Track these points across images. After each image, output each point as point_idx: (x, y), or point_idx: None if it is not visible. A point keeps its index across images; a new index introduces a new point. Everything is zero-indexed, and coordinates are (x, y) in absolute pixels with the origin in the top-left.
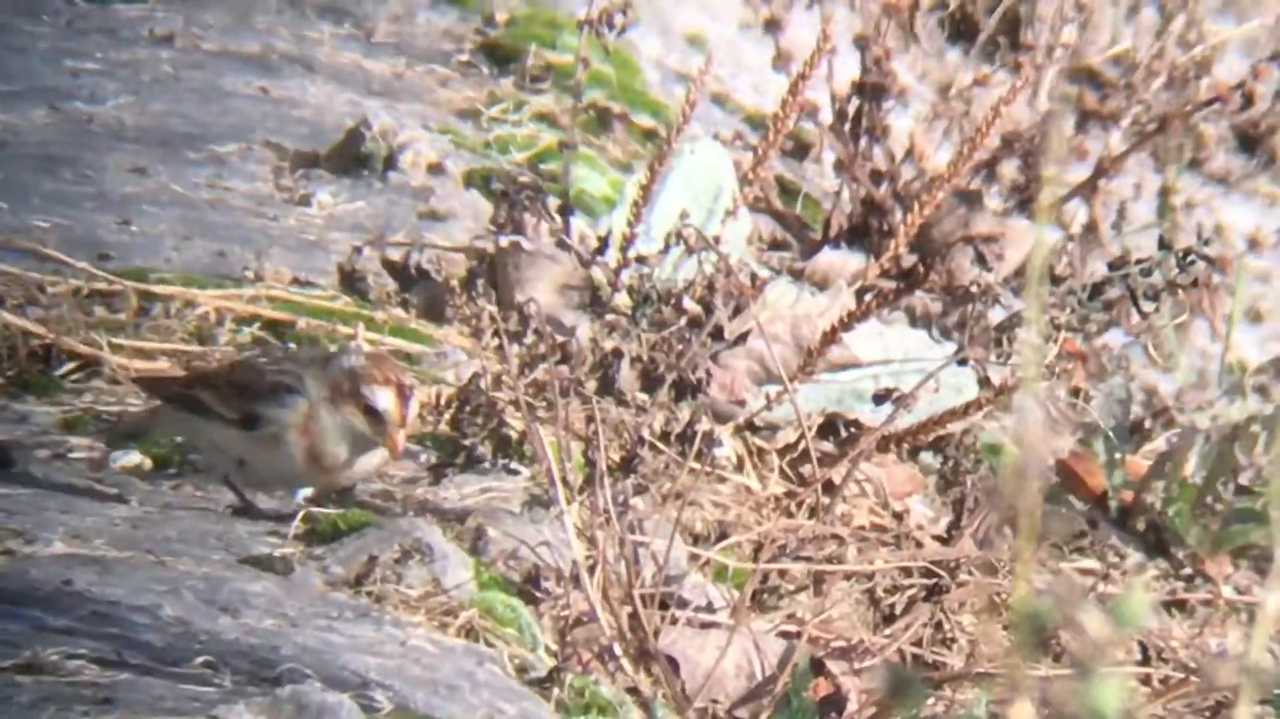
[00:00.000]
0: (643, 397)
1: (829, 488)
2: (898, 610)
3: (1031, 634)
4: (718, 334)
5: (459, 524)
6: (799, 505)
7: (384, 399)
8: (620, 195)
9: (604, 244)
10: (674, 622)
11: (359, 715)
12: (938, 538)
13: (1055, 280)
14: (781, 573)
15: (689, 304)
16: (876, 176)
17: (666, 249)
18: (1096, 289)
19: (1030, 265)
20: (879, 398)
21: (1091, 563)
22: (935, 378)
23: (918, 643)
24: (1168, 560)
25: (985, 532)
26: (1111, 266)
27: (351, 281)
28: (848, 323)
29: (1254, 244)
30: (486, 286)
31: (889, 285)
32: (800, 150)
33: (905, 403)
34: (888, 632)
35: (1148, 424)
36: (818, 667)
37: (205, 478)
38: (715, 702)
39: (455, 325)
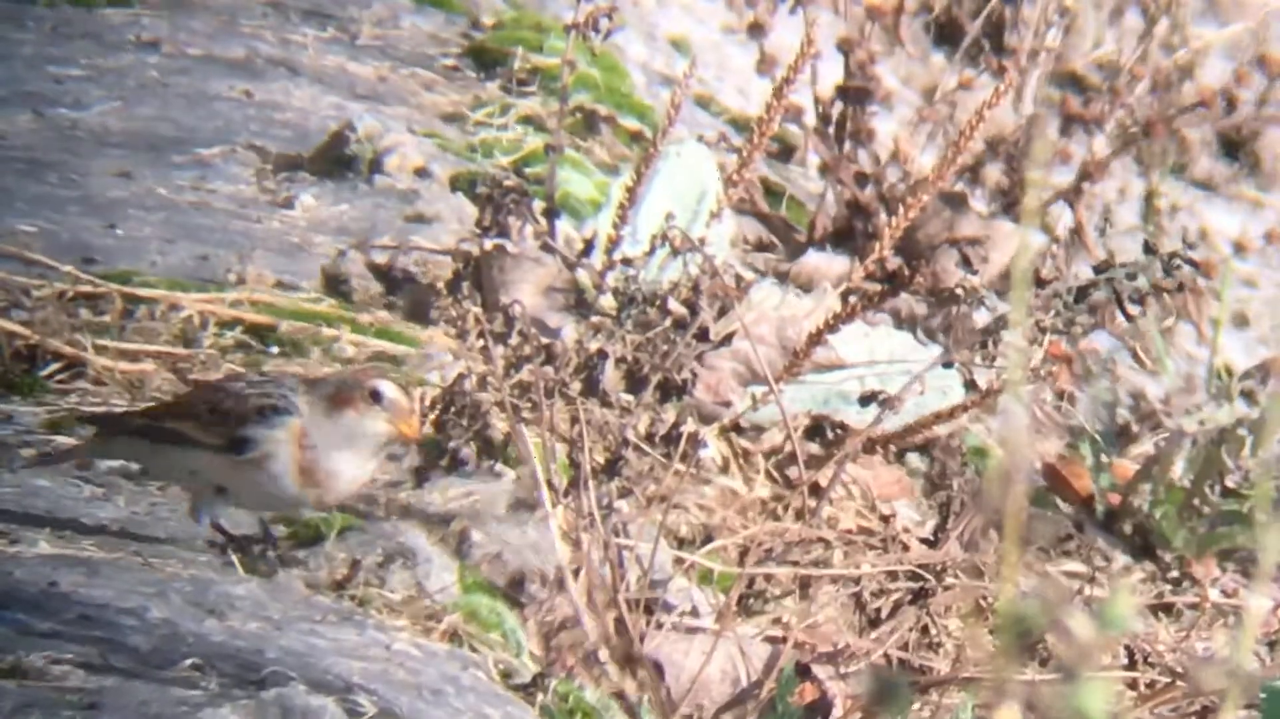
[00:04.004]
0: (628, 398)
1: (815, 490)
2: (884, 614)
3: (1017, 638)
4: (703, 336)
5: (443, 527)
6: (785, 508)
7: (387, 387)
8: (605, 198)
9: (589, 246)
10: (659, 626)
11: None
12: (924, 541)
13: (1040, 283)
14: (767, 577)
15: (674, 306)
16: (861, 179)
17: (652, 251)
18: (1082, 292)
19: (1015, 268)
20: (865, 400)
21: (1078, 566)
22: (921, 380)
23: (904, 647)
24: (1154, 563)
25: (971, 535)
26: (1096, 270)
27: (336, 284)
28: (833, 325)
29: (1239, 248)
30: (471, 289)
31: (874, 288)
32: (785, 153)
33: (891, 405)
34: (873, 635)
35: (1134, 427)
36: (803, 671)
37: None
38: (700, 707)
39: (440, 327)
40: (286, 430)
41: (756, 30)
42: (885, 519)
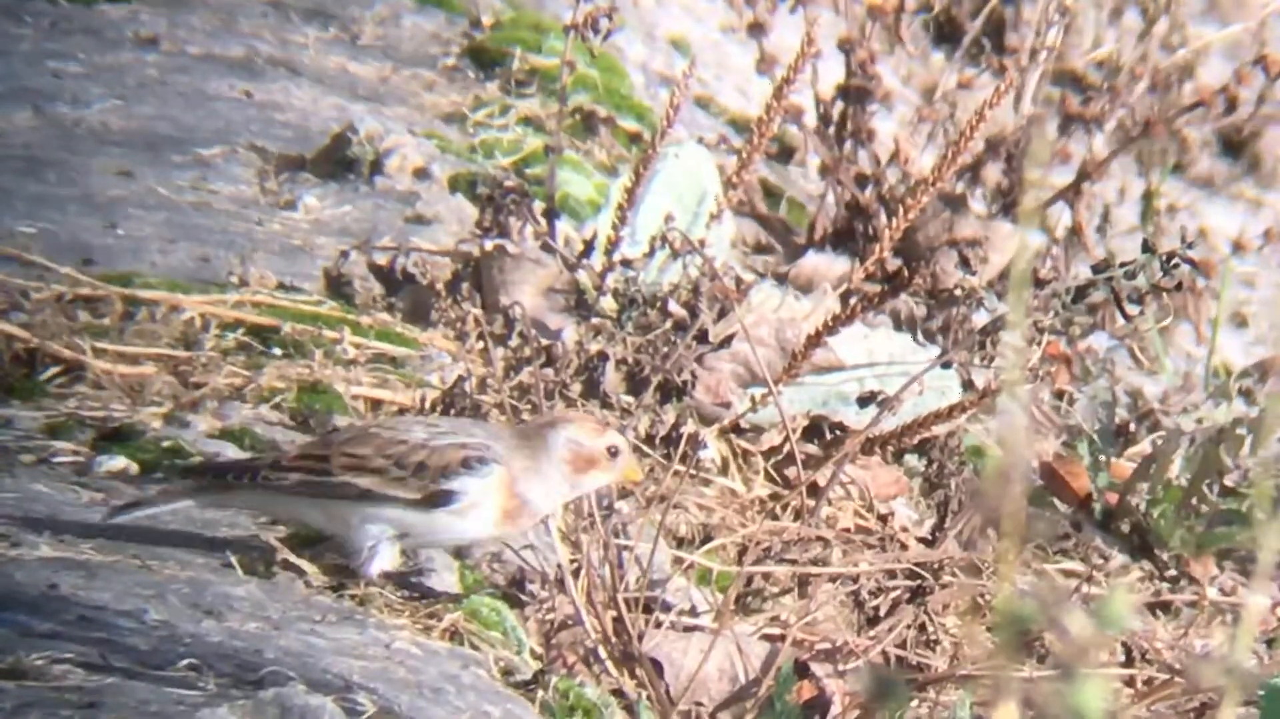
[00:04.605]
0: (628, 399)
1: (814, 490)
2: (882, 612)
3: (1015, 636)
4: (702, 337)
5: None
6: (784, 508)
7: (614, 438)
8: (605, 199)
9: (589, 247)
10: (658, 625)
11: (342, 718)
12: (922, 540)
13: (1039, 283)
14: (766, 576)
15: (674, 307)
16: (861, 180)
17: (651, 252)
18: (1080, 292)
19: (1014, 269)
20: (863, 401)
21: (1076, 565)
22: (920, 381)
23: (902, 645)
24: (1152, 562)
25: (969, 534)
26: (1095, 270)
27: (337, 286)
28: (832, 326)
29: (1238, 248)
30: (472, 290)
31: (873, 289)
32: (784, 154)
33: (889, 406)
34: (872, 634)
35: (1132, 427)
36: (802, 669)
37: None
38: (699, 704)
39: (440, 329)
40: (495, 479)
41: (756, 30)
42: (883, 518)
